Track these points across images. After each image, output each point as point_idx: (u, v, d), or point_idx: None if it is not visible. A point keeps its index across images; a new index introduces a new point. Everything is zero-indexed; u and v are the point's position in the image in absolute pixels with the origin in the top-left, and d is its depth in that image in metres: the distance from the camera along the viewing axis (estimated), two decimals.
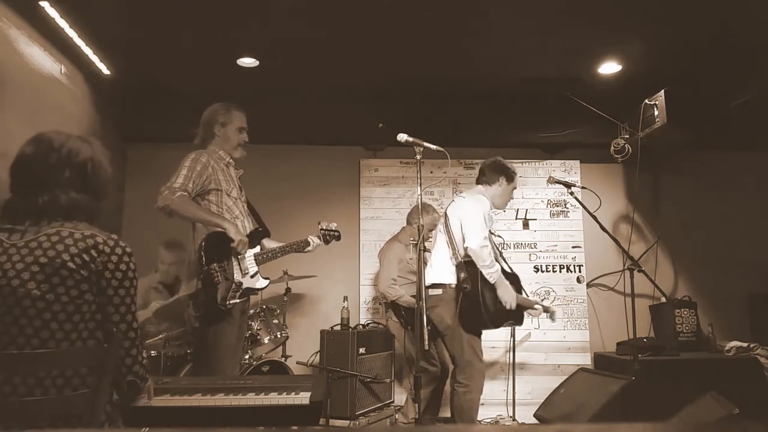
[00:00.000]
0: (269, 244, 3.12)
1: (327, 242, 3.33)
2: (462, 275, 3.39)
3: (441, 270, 3.49)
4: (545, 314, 3.83)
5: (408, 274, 4.40)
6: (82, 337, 1.54)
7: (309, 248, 3.23)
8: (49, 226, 1.56)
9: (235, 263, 2.82)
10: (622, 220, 5.32)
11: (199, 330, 2.77)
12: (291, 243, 3.15)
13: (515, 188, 3.72)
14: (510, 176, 3.65)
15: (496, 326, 3.57)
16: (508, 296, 3.41)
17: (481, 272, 3.35)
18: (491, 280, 3.37)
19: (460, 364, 3.45)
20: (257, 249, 3.00)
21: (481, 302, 3.33)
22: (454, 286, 3.45)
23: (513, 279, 3.57)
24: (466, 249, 3.40)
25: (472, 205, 3.47)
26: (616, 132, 4.73)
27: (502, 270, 3.48)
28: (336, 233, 3.37)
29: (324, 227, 3.34)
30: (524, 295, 3.71)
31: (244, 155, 3.07)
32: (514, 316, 3.51)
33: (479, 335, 3.48)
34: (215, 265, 2.73)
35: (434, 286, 3.47)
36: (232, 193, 2.93)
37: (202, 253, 2.72)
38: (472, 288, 3.34)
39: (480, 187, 3.66)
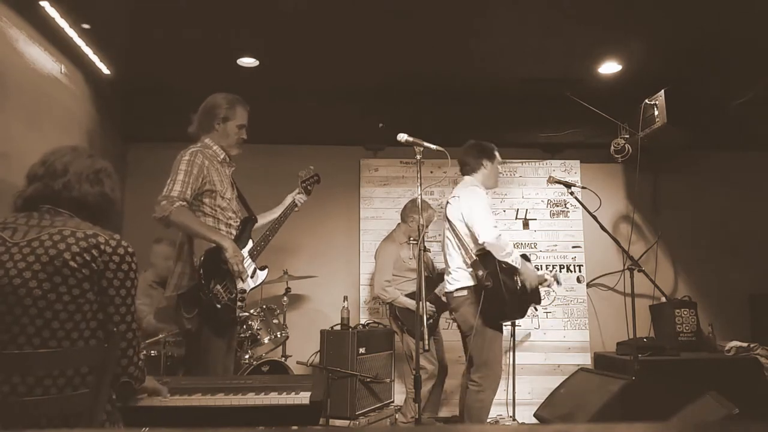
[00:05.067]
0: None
1: (309, 192, 3.35)
2: (480, 273, 3.32)
3: (460, 275, 3.46)
4: (555, 283, 3.85)
5: (406, 272, 4.38)
6: (83, 336, 1.55)
7: (296, 209, 3.29)
8: (52, 225, 1.57)
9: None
10: (622, 220, 5.32)
11: (192, 332, 2.73)
12: (277, 218, 3.19)
13: (500, 162, 3.69)
14: (491, 155, 3.61)
15: (522, 315, 3.55)
16: (531, 276, 3.44)
17: (498, 265, 3.31)
18: (517, 265, 3.36)
19: (477, 363, 3.42)
20: (249, 245, 2.97)
21: (504, 295, 3.28)
22: (475, 286, 3.39)
23: (526, 258, 3.57)
24: (482, 244, 3.34)
25: (472, 200, 3.44)
26: (616, 132, 4.74)
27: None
28: (315, 177, 3.38)
29: (303, 176, 3.33)
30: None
31: (240, 152, 3.01)
32: (534, 298, 3.52)
33: (501, 331, 3.46)
34: (218, 287, 2.70)
35: (458, 290, 3.46)
36: (226, 195, 2.87)
37: (201, 271, 2.67)
38: (494, 283, 3.28)
39: (468, 178, 3.61)
